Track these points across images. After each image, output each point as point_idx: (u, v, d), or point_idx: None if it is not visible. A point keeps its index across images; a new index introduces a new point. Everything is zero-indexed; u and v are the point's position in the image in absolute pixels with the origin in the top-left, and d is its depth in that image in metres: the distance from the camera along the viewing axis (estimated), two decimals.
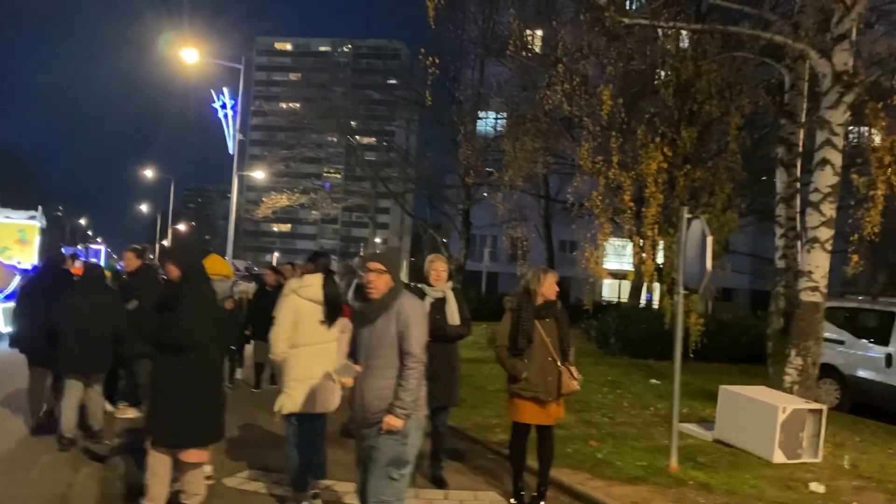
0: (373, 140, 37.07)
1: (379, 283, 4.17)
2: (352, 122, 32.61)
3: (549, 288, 5.60)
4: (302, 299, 5.15)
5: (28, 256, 16.42)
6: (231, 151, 24.03)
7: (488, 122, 22.72)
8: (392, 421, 4.01)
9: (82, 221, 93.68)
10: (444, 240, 33.69)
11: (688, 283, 6.83)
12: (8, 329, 13.87)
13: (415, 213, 36.72)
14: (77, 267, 9.64)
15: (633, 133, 11.74)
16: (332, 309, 5.20)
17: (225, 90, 24.52)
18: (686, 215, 6.79)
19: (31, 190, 76.42)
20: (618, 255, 18.65)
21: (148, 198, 74.20)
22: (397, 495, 4.12)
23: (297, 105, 35.56)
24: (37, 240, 16.74)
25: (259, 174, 29.02)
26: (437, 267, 6.20)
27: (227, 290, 6.28)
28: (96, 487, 5.68)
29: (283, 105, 38.93)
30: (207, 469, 6.06)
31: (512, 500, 5.77)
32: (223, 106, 24.58)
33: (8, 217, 16.40)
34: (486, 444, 7.57)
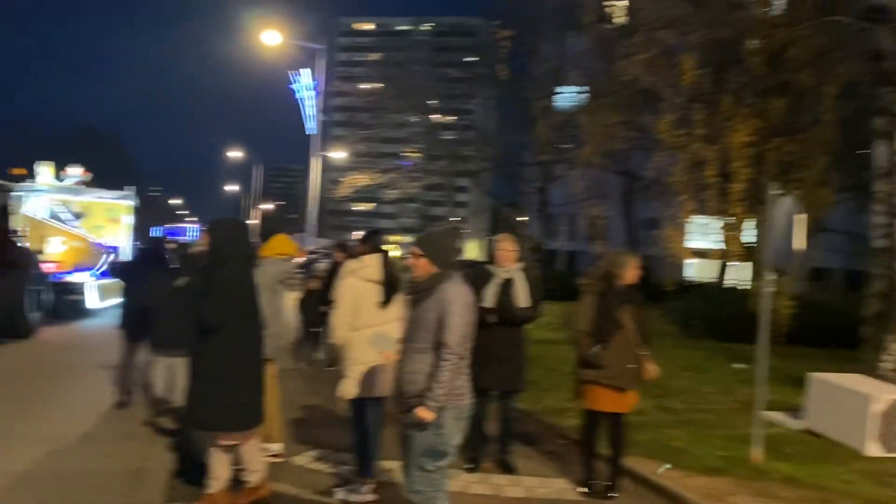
0: (451, 118, 36.91)
1: (418, 265, 4.04)
2: (430, 101, 32.51)
3: (631, 273, 5.35)
4: (361, 280, 5.08)
5: (119, 235, 17.13)
6: (309, 132, 24.36)
7: (567, 97, 22.17)
8: (422, 413, 3.84)
9: (177, 201, 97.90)
10: (524, 218, 33.33)
11: (775, 264, 6.42)
12: (101, 305, 14.60)
13: (494, 192, 36.35)
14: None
15: (717, 104, 11.13)
16: (390, 289, 5.09)
17: (304, 71, 24.85)
18: (774, 192, 6.36)
19: (128, 170, 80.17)
20: (704, 233, 17.95)
21: (237, 178, 76.60)
22: (434, 487, 3.96)
23: (378, 85, 35.80)
24: (128, 218, 17.39)
25: (339, 154, 29.30)
26: (505, 247, 6.01)
27: (292, 269, 6.28)
28: (169, 463, 5.80)
29: (365, 85, 39.27)
30: (276, 447, 6.14)
31: (582, 489, 5.58)
32: (304, 87, 24.92)
33: (100, 197, 17.05)
34: (558, 428, 7.39)
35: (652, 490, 5.67)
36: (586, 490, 5.55)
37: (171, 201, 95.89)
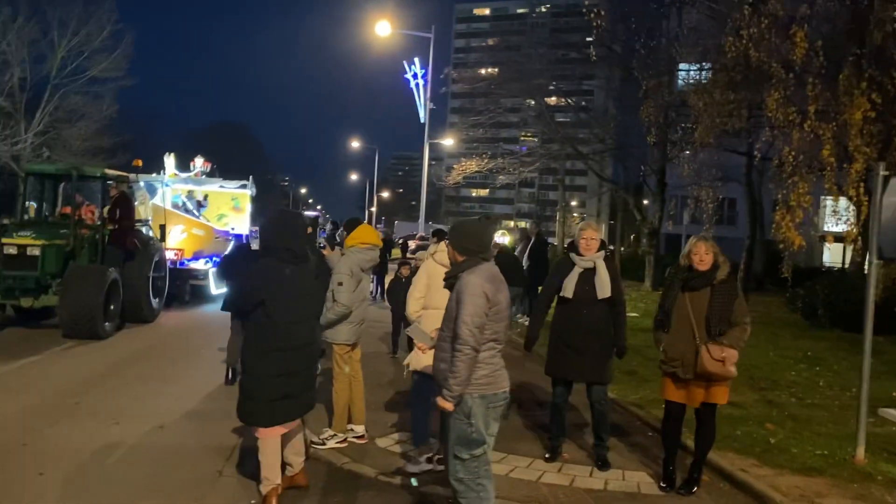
0: (565, 101, 36.14)
1: (448, 254, 4.18)
2: (547, 85, 31.99)
3: (697, 257, 5.12)
4: (436, 263, 5.34)
5: (241, 223, 18.07)
6: (422, 120, 24.72)
7: (681, 75, 21.19)
8: (440, 402, 3.88)
9: (304, 190, 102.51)
10: (645, 202, 32.32)
11: (883, 251, 5.92)
12: (220, 291, 15.48)
13: (613, 174, 35.38)
14: None
15: (834, 79, 10.28)
16: None
17: (416, 60, 25.21)
18: (882, 172, 5.85)
19: (261, 161, 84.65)
20: (829, 215, 16.73)
21: (359, 166, 79.10)
22: (475, 475, 3.95)
23: (493, 70, 35.66)
24: (248, 207, 18.30)
25: (447, 142, 29.44)
26: (587, 235, 5.83)
27: (375, 258, 6.44)
28: None
29: (482, 71, 39.26)
30: (359, 429, 6.33)
31: (662, 484, 5.41)
32: (414, 76, 25.29)
33: (223, 186, 18.01)
34: (648, 420, 7.17)
35: (737, 487, 5.40)
36: (665, 485, 5.37)
37: (301, 190, 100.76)
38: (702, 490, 5.32)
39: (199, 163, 17.75)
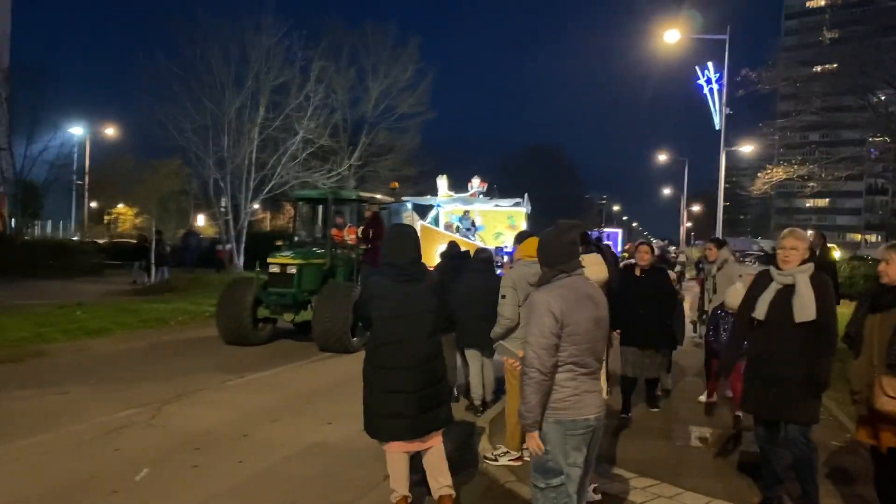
0: None
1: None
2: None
3: (882, 268, 4.10)
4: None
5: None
6: (717, 127, 23.12)
7: None
8: (528, 438, 3.63)
9: (617, 207, 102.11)
10: None
11: None
12: None
13: None
14: None
15: None
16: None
17: (709, 65, 23.72)
18: None
19: (575, 182, 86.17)
20: None
21: (672, 180, 76.23)
22: None
23: (822, 67, 31.95)
24: (523, 224, 18.76)
25: (747, 148, 26.85)
26: (787, 244, 4.84)
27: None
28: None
29: (817, 68, 35.30)
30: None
31: None
32: (707, 81, 23.82)
33: (498, 206, 18.71)
34: None
35: None
36: None
37: (614, 207, 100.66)
38: None
39: (475, 183, 18.66)
